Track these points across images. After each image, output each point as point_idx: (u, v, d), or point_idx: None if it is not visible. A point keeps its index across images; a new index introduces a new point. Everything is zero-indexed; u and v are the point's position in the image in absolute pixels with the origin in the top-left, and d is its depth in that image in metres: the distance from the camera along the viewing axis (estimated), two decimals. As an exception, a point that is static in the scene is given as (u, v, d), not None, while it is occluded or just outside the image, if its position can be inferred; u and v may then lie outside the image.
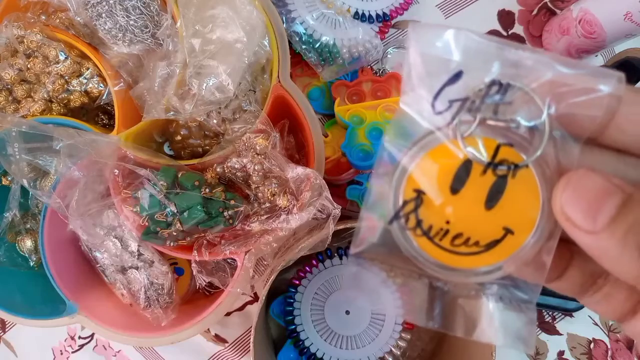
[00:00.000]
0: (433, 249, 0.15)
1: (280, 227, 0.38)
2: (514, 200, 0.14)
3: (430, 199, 0.15)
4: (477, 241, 0.15)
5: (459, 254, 0.15)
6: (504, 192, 0.14)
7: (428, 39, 0.14)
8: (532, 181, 0.14)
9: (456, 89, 0.14)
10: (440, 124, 0.14)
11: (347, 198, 0.49)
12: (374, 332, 0.44)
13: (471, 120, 0.14)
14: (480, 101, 0.14)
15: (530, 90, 0.14)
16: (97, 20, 0.39)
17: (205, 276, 0.40)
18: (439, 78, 0.14)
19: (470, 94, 0.14)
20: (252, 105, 0.43)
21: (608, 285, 0.17)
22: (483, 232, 0.15)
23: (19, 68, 0.40)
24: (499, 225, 0.14)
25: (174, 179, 0.39)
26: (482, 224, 0.14)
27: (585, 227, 0.13)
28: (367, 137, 0.47)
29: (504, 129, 0.14)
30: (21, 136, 0.37)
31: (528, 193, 0.14)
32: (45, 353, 0.53)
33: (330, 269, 0.45)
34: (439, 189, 0.14)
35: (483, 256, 0.15)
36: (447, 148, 0.14)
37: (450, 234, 0.15)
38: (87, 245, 0.43)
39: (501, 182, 0.14)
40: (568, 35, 0.47)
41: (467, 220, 0.15)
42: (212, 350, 0.51)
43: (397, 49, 0.52)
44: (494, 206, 0.14)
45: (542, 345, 0.50)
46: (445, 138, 0.14)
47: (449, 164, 0.14)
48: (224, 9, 0.39)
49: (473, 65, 0.14)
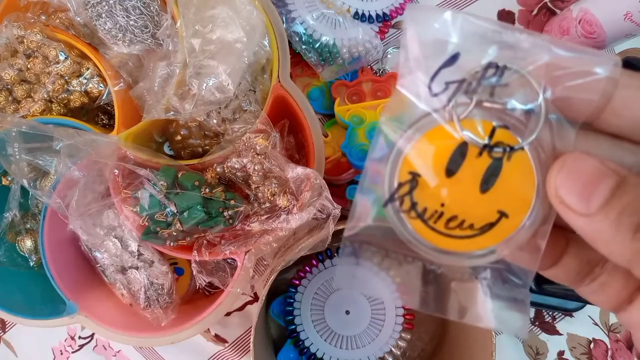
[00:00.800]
0: (427, 232, 0.15)
1: (280, 227, 0.38)
2: (509, 183, 0.14)
3: (425, 182, 0.14)
4: (472, 224, 0.14)
5: (453, 237, 0.15)
6: (499, 175, 0.14)
7: (425, 22, 0.14)
8: (528, 164, 0.14)
9: (453, 71, 0.14)
10: (436, 105, 0.14)
11: (347, 198, 0.49)
12: (374, 332, 0.44)
13: (468, 102, 0.14)
14: (476, 83, 0.14)
15: (527, 73, 0.14)
16: (97, 21, 0.39)
17: (205, 276, 0.40)
18: (435, 60, 0.14)
19: (467, 76, 0.14)
20: (252, 105, 0.43)
21: (605, 274, 0.16)
22: (478, 215, 0.14)
23: (19, 68, 0.40)
24: (493, 208, 0.14)
25: (174, 179, 0.39)
26: (477, 207, 0.14)
27: (579, 210, 0.13)
28: (367, 137, 0.47)
29: (500, 111, 0.14)
30: (21, 136, 0.37)
31: (523, 176, 0.14)
32: (45, 353, 0.53)
33: (330, 269, 0.45)
34: (434, 172, 0.14)
35: (477, 239, 0.15)
36: (443, 130, 0.14)
37: (444, 216, 0.14)
38: (87, 245, 0.43)
39: (497, 164, 0.14)
40: (568, 35, 0.47)
41: (462, 203, 0.14)
42: (212, 350, 0.51)
43: (397, 49, 0.52)
44: (489, 189, 0.14)
45: (542, 345, 0.50)
46: (442, 120, 0.14)
47: (445, 145, 0.14)
48: (224, 9, 0.39)
49: (470, 48, 0.14)
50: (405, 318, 0.44)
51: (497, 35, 0.14)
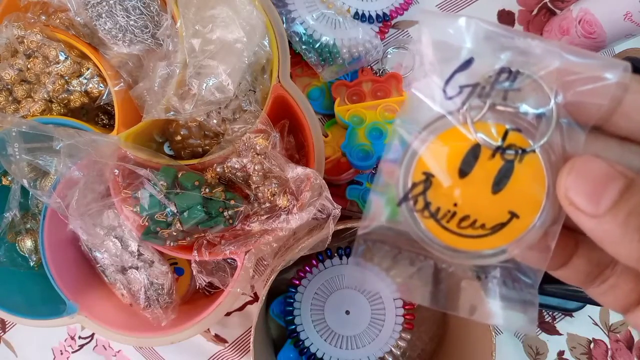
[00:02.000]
0: (440, 231, 0.15)
1: (280, 227, 0.38)
2: (520, 184, 0.15)
3: (439, 182, 0.15)
4: (484, 224, 0.15)
5: (465, 237, 0.15)
6: (510, 176, 0.15)
7: (440, 27, 0.14)
8: (539, 167, 0.15)
9: (467, 75, 0.14)
10: (451, 108, 0.15)
11: (347, 198, 0.49)
12: (374, 332, 0.44)
13: (481, 105, 0.14)
14: (490, 87, 0.14)
15: (539, 78, 0.14)
16: (97, 21, 0.39)
17: (205, 276, 0.40)
18: (450, 64, 0.14)
19: (481, 80, 0.14)
20: (252, 105, 0.43)
21: (615, 275, 0.17)
22: (489, 215, 0.15)
23: (19, 68, 0.40)
24: (505, 208, 0.15)
25: (174, 179, 0.39)
26: (489, 207, 0.15)
27: (589, 211, 0.14)
28: (367, 137, 0.47)
29: (512, 114, 0.15)
30: (21, 136, 0.37)
31: (534, 178, 0.15)
32: (45, 353, 0.53)
33: (330, 269, 0.45)
34: (447, 172, 0.15)
35: (489, 239, 0.15)
36: (457, 132, 0.15)
37: (457, 216, 0.15)
38: (87, 245, 0.43)
39: (508, 166, 0.15)
40: (568, 35, 0.47)
41: (474, 203, 0.15)
42: (212, 350, 0.51)
43: (397, 49, 0.52)
44: (501, 190, 0.15)
45: (542, 345, 0.50)
46: (456, 122, 0.15)
47: (459, 147, 0.15)
48: (224, 9, 0.39)
49: (483, 53, 0.14)
50: (405, 318, 0.44)
51: (510, 41, 0.14)
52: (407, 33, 0.53)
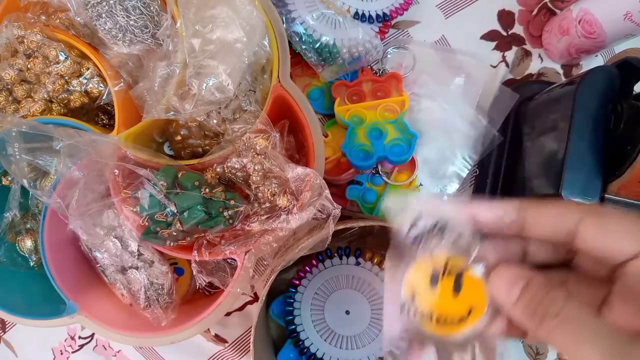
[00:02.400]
0: (427, 325, 0.23)
1: (280, 227, 0.38)
2: (470, 288, 0.22)
3: (420, 293, 0.23)
4: (451, 318, 0.22)
5: (442, 327, 0.23)
6: (461, 284, 0.22)
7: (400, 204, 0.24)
8: (475, 275, 0.22)
9: (419, 227, 0.23)
10: (413, 250, 0.23)
11: (347, 198, 0.49)
12: (374, 332, 0.44)
13: (436, 242, 0.23)
14: (433, 232, 0.23)
15: (459, 230, 0.23)
16: (97, 21, 0.39)
17: (205, 276, 0.40)
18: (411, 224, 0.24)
19: (427, 228, 0.23)
20: (252, 105, 0.43)
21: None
22: (454, 312, 0.22)
23: (19, 68, 0.40)
24: (465, 306, 0.22)
25: (174, 179, 0.39)
26: (453, 306, 0.22)
27: (506, 301, 0.20)
28: (367, 137, 0.47)
29: (452, 244, 0.23)
30: (21, 136, 0.37)
31: (476, 282, 0.22)
32: (45, 353, 0.53)
33: (330, 269, 0.45)
34: (423, 287, 0.23)
35: (457, 326, 0.22)
36: (422, 263, 0.23)
37: (434, 315, 0.22)
38: (87, 245, 0.43)
39: (459, 278, 0.22)
40: (568, 35, 0.47)
41: (443, 305, 0.22)
42: (212, 350, 0.51)
43: (397, 49, 0.52)
44: (459, 294, 0.22)
45: (542, 345, 0.50)
46: (421, 256, 0.23)
47: (426, 271, 0.23)
48: (224, 9, 0.39)
49: (425, 215, 0.23)
50: (405, 318, 0.44)
51: (435, 208, 0.23)
52: (407, 33, 0.53)
